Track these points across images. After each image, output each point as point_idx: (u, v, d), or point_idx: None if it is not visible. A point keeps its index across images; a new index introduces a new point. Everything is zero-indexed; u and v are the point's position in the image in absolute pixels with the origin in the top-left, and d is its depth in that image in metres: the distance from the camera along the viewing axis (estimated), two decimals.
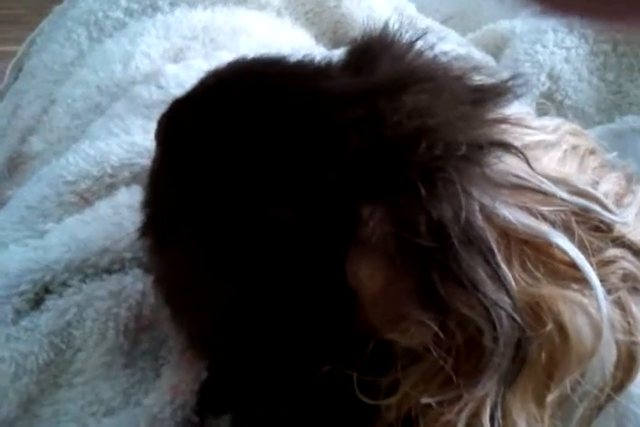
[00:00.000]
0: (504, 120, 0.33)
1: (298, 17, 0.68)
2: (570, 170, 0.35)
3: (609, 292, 0.31)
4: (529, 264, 0.30)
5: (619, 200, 0.35)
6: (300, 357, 0.32)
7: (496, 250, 0.29)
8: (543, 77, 0.59)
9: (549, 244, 0.30)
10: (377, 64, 0.33)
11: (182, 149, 0.36)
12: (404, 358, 0.31)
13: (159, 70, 0.56)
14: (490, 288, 0.29)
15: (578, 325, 0.30)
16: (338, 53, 0.36)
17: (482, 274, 0.29)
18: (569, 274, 0.30)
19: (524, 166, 0.32)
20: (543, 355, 0.30)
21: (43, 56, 0.63)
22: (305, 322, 0.32)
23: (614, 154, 0.41)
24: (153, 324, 0.45)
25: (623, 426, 0.33)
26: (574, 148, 0.36)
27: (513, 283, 0.29)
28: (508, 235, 0.30)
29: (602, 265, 0.32)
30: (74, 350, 0.44)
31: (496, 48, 0.65)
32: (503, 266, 0.29)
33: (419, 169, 0.29)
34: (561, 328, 0.30)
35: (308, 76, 0.34)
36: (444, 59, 0.36)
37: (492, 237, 0.29)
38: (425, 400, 0.29)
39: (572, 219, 0.31)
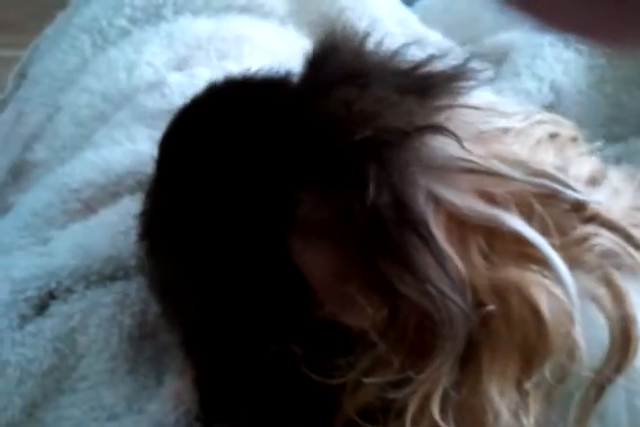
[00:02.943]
0: (450, 106, 0.34)
1: (301, 26, 0.69)
2: (540, 156, 0.35)
3: (590, 269, 0.32)
4: (485, 248, 0.31)
5: (593, 182, 0.35)
6: (256, 338, 0.34)
7: (437, 233, 0.30)
8: (546, 90, 0.60)
9: (503, 226, 0.31)
10: (324, 66, 0.36)
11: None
12: (360, 340, 0.31)
13: (163, 79, 0.56)
14: (432, 271, 0.29)
15: (544, 304, 0.30)
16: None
17: (423, 257, 0.30)
18: (529, 255, 0.31)
19: (477, 150, 0.33)
20: (514, 337, 0.30)
21: (46, 63, 0.63)
22: (263, 304, 0.34)
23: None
24: (156, 331, 0.46)
25: (634, 405, 0.33)
26: (552, 136, 0.36)
27: (461, 266, 0.30)
28: (461, 220, 0.31)
29: (574, 244, 0.32)
30: (78, 356, 0.44)
31: (496, 61, 0.66)
32: (445, 249, 0.30)
33: (348, 157, 0.31)
34: (528, 308, 0.30)
35: (269, 89, 0.38)
36: (393, 53, 0.37)
37: (435, 222, 0.30)
38: (372, 380, 0.30)
39: (533, 200, 0.32)
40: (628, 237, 0.33)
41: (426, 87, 0.35)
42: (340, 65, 0.36)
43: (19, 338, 0.44)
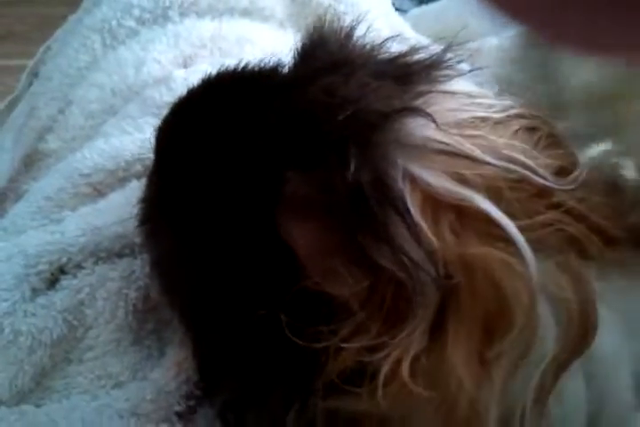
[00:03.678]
0: (430, 92, 0.37)
1: (299, 29, 0.72)
2: (513, 145, 0.36)
3: (551, 254, 0.33)
4: (457, 225, 0.33)
5: (562, 172, 0.36)
6: (246, 306, 0.36)
7: (413, 209, 0.32)
8: None
9: (473, 206, 0.33)
10: (311, 58, 0.39)
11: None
12: (342, 309, 0.33)
13: (169, 75, 0.60)
14: (406, 243, 0.32)
15: (508, 279, 0.32)
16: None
17: (398, 230, 0.32)
18: (496, 234, 0.33)
19: (452, 133, 0.35)
20: (478, 309, 0.32)
21: (58, 61, 0.67)
22: (253, 275, 0.36)
23: None
24: (159, 305, 0.48)
25: (595, 387, 0.35)
26: (529, 129, 0.38)
27: (434, 240, 0.32)
28: (435, 198, 0.33)
29: (538, 227, 0.33)
30: (86, 327, 0.47)
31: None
32: (420, 223, 0.32)
33: (331, 139, 0.34)
34: (494, 284, 0.32)
35: (259, 80, 0.41)
36: (376, 45, 0.40)
37: (412, 199, 0.32)
38: (351, 345, 0.32)
39: (503, 184, 0.33)
40: (593, 227, 0.35)
41: (406, 74, 0.38)
42: (326, 55, 0.39)
43: (30, 309, 0.46)
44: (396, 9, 0.86)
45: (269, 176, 0.35)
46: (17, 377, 0.45)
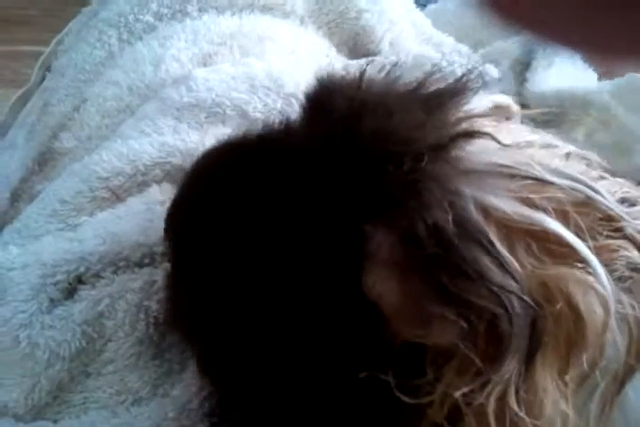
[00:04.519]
0: (468, 117, 0.35)
1: (320, 26, 0.70)
2: (572, 166, 0.36)
3: (618, 279, 0.33)
4: (533, 249, 0.32)
5: (625, 202, 0.36)
6: (337, 369, 0.34)
7: (495, 240, 0.31)
8: None
9: (546, 230, 0.32)
10: (331, 107, 0.36)
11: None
12: (437, 358, 0.32)
13: (189, 74, 0.57)
14: (496, 275, 0.31)
15: (587, 301, 0.31)
16: (353, 65, 0.38)
17: (485, 264, 0.31)
18: (571, 256, 0.32)
19: (510, 155, 0.33)
20: (560, 333, 0.31)
21: (72, 56, 0.64)
22: (335, 338, 0.34)
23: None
24: None
25: None
26: (579, 156, 0.37)
27: (518, 268, 0.31)
28: (506, 225, 0.32)
29: (605, 252, 0.33)
30: (105, 340, 0.45)
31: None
32: (505, 253, 0.31)
33: (399, 186, 0.32)
34: (571, 305, 0.31)
35: (278, 140, 0.38)
36: (394, 74, 0.38)
37: (489, 229, 0.31)
38: (458, 393, 0.31)
39: (569, 208, 0.33)
40: None
41: (438, 104, 0.35)
42: (348, 102, 0.36)
43: (48, 321, 0.45)
44: (415, 2, 0.84)
45: (348, 234, 0.33)
46: (33, 391, 0.44)
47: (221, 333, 0.37)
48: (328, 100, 0.36)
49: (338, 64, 0.65)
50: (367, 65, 0.38)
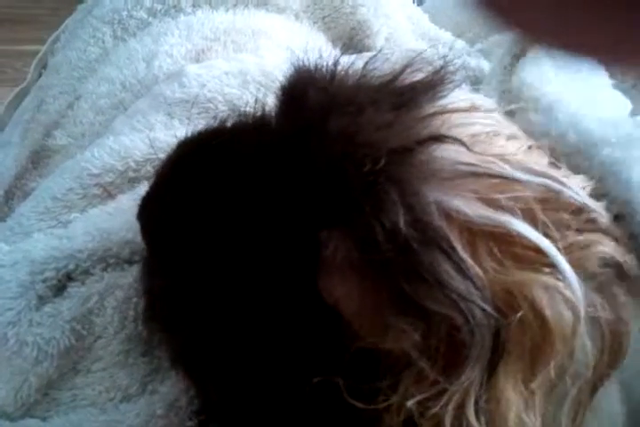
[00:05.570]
0: (441, 112, 0.34)
1: (315, 21, 0.70)
2: (535, 159, 0.35)
3: (590, 277, 0.32)
4: (496, 253, 0.31)
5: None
6: (294, 372, 0.34)
7: (457, 244, 0.30)
8: None
9: (511, 233, 0.31)
10: (303, 101, 0.35)
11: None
12: (395, 364, 0.32)
13: (182, 70, 0.57)
14: (456, 282, 0.29)
15: (554, 306, 0.30)
16: (349, 60, 0.38)
17: (445, 270, 0.30)
18: (538, 259, 0.31)
19: (470, 153, 0.32)
20: (525, 340, 0.30)
21: (67, 53, 0.64)
22: (294, 340, 0.34)
23: None
24: None
25: (627, 396, 0.34)
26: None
27: (481, 274, 0.30)
28: (470, 228, 0.31)
29: (576, 249, 0.32)
30: (94, 337, 0.45)
31: None
32: (466, 259, 0.30)
33: (357, 188, 0.31)
34: (536, 312, 0.30)
35: (251, 134, 0.37)
36: (372, 66, 0.36)
37: (451, 233, 0.30)
38: (412, 401, 0.30)
39: (536, 206, 0.31)
40: (629, 249, 0.34)
41: (410, 99, 0.34)
42: (319, 95, 0.35)
43: (36, 318, 0.44)
44: None
45: (303, 241, 0.32)
46: (22, 389, 0.44)
47: (184, 329, 0.37)
48: (301, 94, 0.35)
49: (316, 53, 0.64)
50: (342, 56, 0.37)
